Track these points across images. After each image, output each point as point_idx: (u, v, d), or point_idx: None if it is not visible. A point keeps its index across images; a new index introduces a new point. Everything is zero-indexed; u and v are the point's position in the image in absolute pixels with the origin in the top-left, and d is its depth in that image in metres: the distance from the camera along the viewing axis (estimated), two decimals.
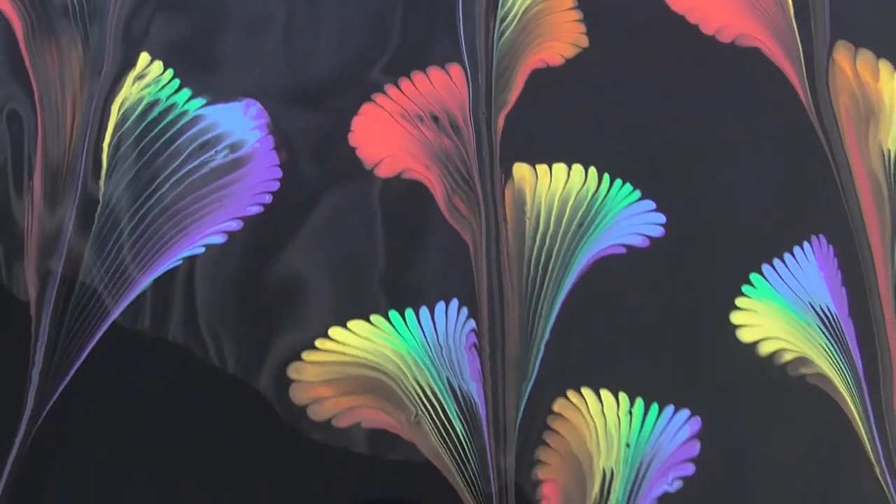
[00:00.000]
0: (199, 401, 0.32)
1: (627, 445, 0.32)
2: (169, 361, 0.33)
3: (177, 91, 0.38)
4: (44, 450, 0.31)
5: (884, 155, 0.39)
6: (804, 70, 0.40)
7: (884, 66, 0.41)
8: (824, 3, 0.42)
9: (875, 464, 0.32)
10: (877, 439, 0.33)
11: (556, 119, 0.38)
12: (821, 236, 0.37)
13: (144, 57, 0.38)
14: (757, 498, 0.32)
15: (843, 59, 0.41)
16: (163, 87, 0.38)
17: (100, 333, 0.33)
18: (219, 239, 0.35)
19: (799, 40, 0.41)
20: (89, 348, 0.33)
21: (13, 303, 0.33)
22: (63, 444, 0.31)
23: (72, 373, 0.32)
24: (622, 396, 0.33)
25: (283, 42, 0.39)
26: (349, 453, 0.31)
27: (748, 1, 0.42)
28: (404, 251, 0.35)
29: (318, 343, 0.33)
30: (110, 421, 0.32)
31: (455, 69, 0.39)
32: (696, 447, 0.32)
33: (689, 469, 0.32)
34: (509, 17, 0.40)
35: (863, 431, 0.33)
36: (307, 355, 0.33)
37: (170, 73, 0.38)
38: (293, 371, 0.32)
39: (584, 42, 0.40)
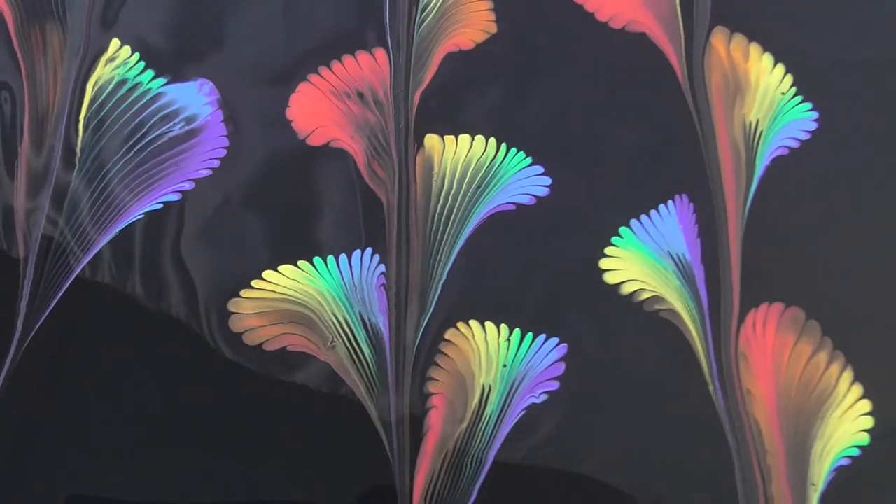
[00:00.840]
0: (156, 327, 0.40)
1: (504, 366, 0.39)
2: (132, 295, 0.40)
3: (142, 72, 0.45)
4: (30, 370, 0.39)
5: (746, 126, 0.46)
6: (684, 52, 0.47)
7: (754, 48, 0.48)
8: None
9: (710, 383, 0.40)
10: (713, 362, 0.40)
11: (464, 96, 0.45)
12: (684, 196, 0.44)
13: (115, 42, 0.45)
14: (609, 408, 0.39)
15: (719, 42, 0.48)
16: (130, 68, 0.45)
17: (75, 273, 0.41)
18: (174, 197, 0.42)
19: (681, 26, 0.48)
20: (67, 284, 0.40)
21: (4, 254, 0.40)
22: (47, 365, 0.39)
23: (52, 305, 0.40)
24: (503, 327, 0.40)
25: (235, 30, 0.46)
26: (276, 371, 0.39)
27: None
28: (329, 208, 0.42)
29: (254, 283, 0.41)
30: (84, 346, 0.39)
31: (380, 53, 0.46)
32: (561, 368, 0.40)
33: (555, 385, 0.40)
34: (430, 7, 0.47)
35: (702, 356, 0.40)
36: (244, 293, 0.40)
37: (136, 56, 0.45)
38: (232, 305, 0.40)
39: (493, 28, 0.47)
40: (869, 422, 0.39)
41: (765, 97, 0.46)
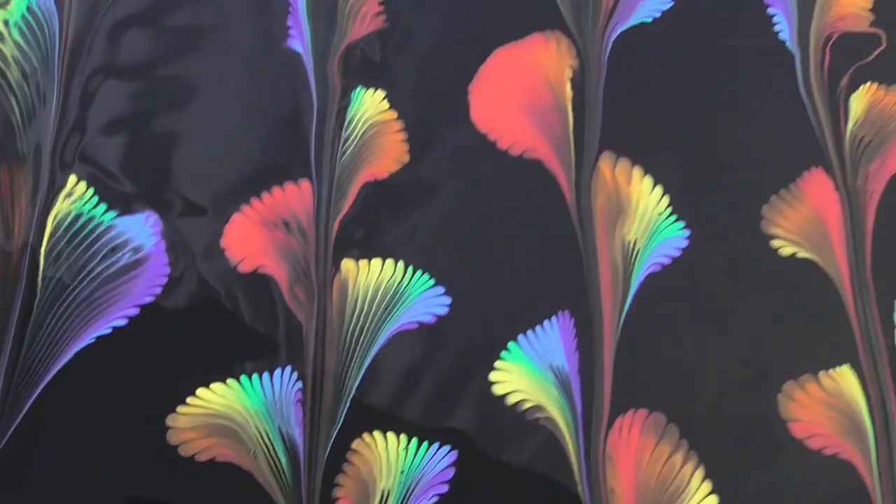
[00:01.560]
0: (104, 438, 0.47)
1: (402, 472, 0.47)
2: (85, 411, 0.48)
3: (96, 206, 0.52)
4: None
5: (625, 246, 0.53)
6: (573, 176, 0.54)
7: (636, 171, 0.55)
8: (597, 121, 0.55)
9: (579, 483, 0.47)
10: (583, 465, 0.47)
11: (377, 223, 0.52)
12: (566, 311, 0.51)
13: (72, 178, 0.52)
14: None
15: (606, 166, 0.55)
16: (85, 203, 0.52)
17: (38, 389, 0.48)
18: (122, 322, 0.49)
19: (573, 152, 0.55)
20: (34, 396, 0.48)
21: None
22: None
23: (21, 414, 0.47)
24: (402, 437, 0.47)
25: (177, 165, 0.53)
26: (207, 478, 0.46)
27: (538, 121, 0.56)
28: (255, 331, 0.49)
29: (189, 400, 0.48)
30: (44, 455, 0.47)
31: (305, 184, 0.53)
32: (451, 473, 0.47)
33: (444, 489, 0.47)
34: (350, 140, 0.54)
35: (574, 460, 0.47)
36: (180, 409, 0.48)
37: (91, 191, 0.52)
38: (170, 420, 0.47)
39: (406, 158, 0.54)
40: None
41: (643, 217, 0.53)
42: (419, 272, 0.50)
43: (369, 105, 0.54)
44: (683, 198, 0.53)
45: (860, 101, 0.57)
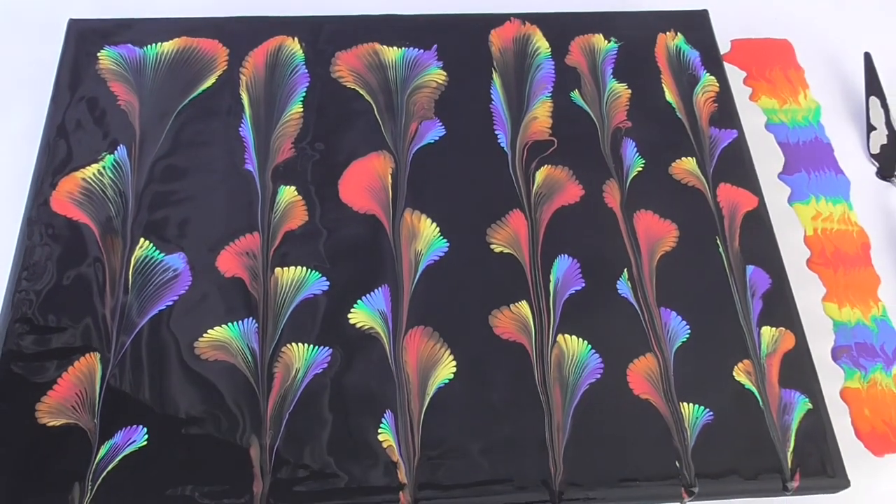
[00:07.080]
0: (160, 347, 1.02)
1: (305, 360, 1.02)
2: (152, 342, 1.03)
3: (154, 251, 1.02)
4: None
5: (416, 252, 1.09)
6: (391, 221, 1.11)
7: (423, 217, 1.09)
8: (403, 195, 1.12)
9: (390, 358, 1.02)
10: (392, 351, 1.02)
11: (292, 250, 1.08)
12: (386, 285, 1.06)
13: (142, 239, 1.05)
14: None
15: (408, 215, 1.07)
16: (148, 250, 1.04)
17: (132, 336, 1.03)
18: (170, 303, 1.03)
19: (391, 209, 1.11)
20: (130, 338, 1.03)
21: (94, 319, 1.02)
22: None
23: (124, 349, 1.02)
24: (306, 345, 1.02)
25: (193, 231, 1.09)
26: (212, 368, 1.02)
27: (374, 196, 1.09)
28: (233, 303, 1.04)
29: (203, 336, 1.03)
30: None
31: (256, 234, 1.09)
32: (328, 360, 1.02)
33: (325, 366, 1.02)
34: (277, 211, 1.09)
35: (388, 349, 1.01)
36: (201, 339, 1.02)
37: (151, 245, 1.04)
38: (196, 343, 1.02)
39: (307, 217, 1.09)
40: None
41: (426, 238, 1.08)
42: (313, 271, 1.05)
43: (287, 194, 1.08)
44: (446, 227, 1.05)
45: (541, 175, 1.07)
